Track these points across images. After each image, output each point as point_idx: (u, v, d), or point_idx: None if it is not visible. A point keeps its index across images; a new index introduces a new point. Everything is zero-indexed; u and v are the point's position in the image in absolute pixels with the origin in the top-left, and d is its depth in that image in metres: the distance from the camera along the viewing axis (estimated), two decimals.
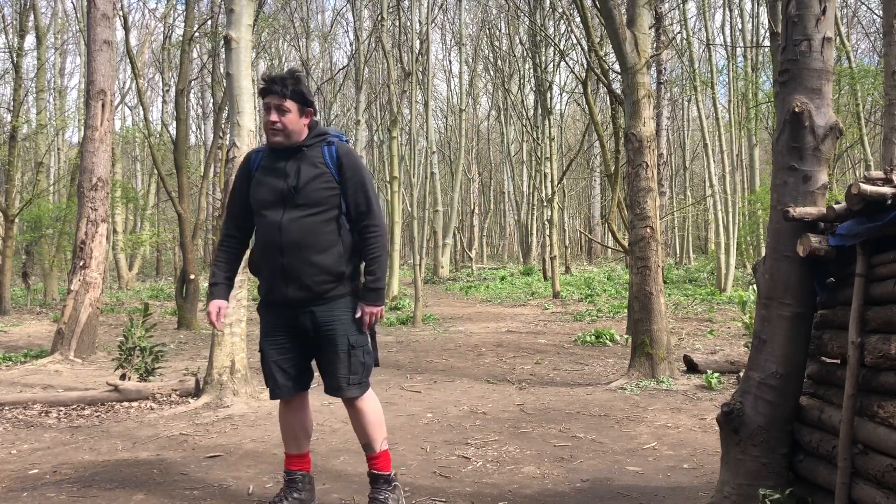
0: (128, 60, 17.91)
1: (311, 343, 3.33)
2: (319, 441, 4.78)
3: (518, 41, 25.95)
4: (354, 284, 3.33)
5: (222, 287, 3.42)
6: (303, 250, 3.19)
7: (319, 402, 6.18)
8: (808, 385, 3.19)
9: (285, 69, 3.44)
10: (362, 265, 3.39)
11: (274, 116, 3.24)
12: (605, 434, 4.93)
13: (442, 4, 24.89)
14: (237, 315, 6.23)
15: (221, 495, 3.73)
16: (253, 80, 6.48)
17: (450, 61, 41.98)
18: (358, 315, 3.29)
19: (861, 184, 2.69)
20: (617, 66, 8.44)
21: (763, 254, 3.41)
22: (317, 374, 3.43)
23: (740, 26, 21.67)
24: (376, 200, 3.35)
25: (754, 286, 4.20)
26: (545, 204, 22.01)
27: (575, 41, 17.87)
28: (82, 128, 9.80)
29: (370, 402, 3.37)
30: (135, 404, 6.13)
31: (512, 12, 22.67)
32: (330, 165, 3.29)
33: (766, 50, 18.87)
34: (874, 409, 2.68)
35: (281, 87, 3.24)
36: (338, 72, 27.32)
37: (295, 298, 3.22)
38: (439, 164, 32.61)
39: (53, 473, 4.16)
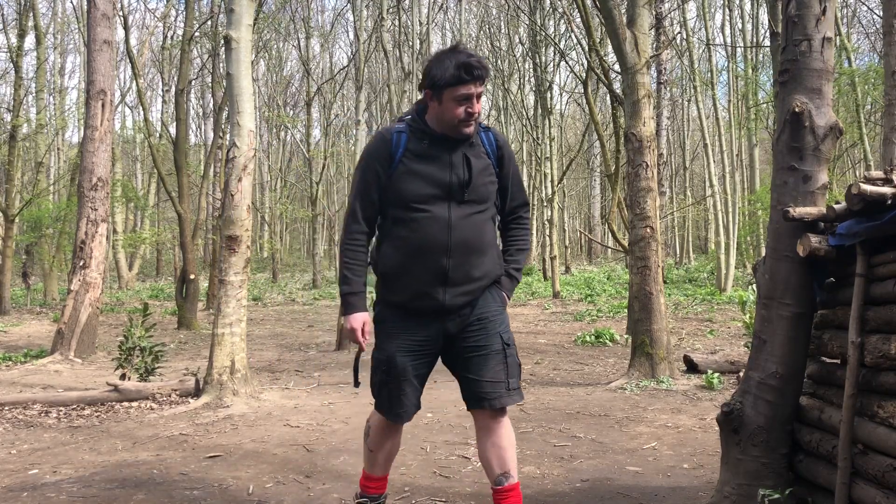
0: (128, 60, 17.91)
1: (446, 351, 2.92)
2: (319, 441, 4.79)
3: (518, 41, 25.94)
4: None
5: (364, 297, 2.88)
6: (470, 253, 2.78)
7: (319, 401, 6.19)
8: (808, 385, 3.19)
9: (424, 53, 2.78)
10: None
11: (478, 107, 2.73)
12: (605, 434, 4.93)
13: (442, 5, 24.89)
14: (237, 315, 6.23)
15: (221, 495, 3.73)
16: (253, 80, 6.49)
17: None
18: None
19: (861, 184, 2.69)
20: (617, 66, 8.44)
21: (763, 254, 3.41)
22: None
23: (740, 26, 21.68)
24: None
25: (754, 286, 4.20)
26: (545, 204, 22.01)
27: (575, 41, 17.89)
28: (82, 128, 9.81)
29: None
30: (135, 404, 6.13)
31: (512, 12, 22.65)
32: (491, 155, 2.88)
33: (766, 50, 18.87)
34: (874, 409, 2.68)
35: (484, 72, 2.69)
36: (338, 72, 27.31)
37: (453, 305, 2.81)
38: None
39: (53, 473, 4.16)
